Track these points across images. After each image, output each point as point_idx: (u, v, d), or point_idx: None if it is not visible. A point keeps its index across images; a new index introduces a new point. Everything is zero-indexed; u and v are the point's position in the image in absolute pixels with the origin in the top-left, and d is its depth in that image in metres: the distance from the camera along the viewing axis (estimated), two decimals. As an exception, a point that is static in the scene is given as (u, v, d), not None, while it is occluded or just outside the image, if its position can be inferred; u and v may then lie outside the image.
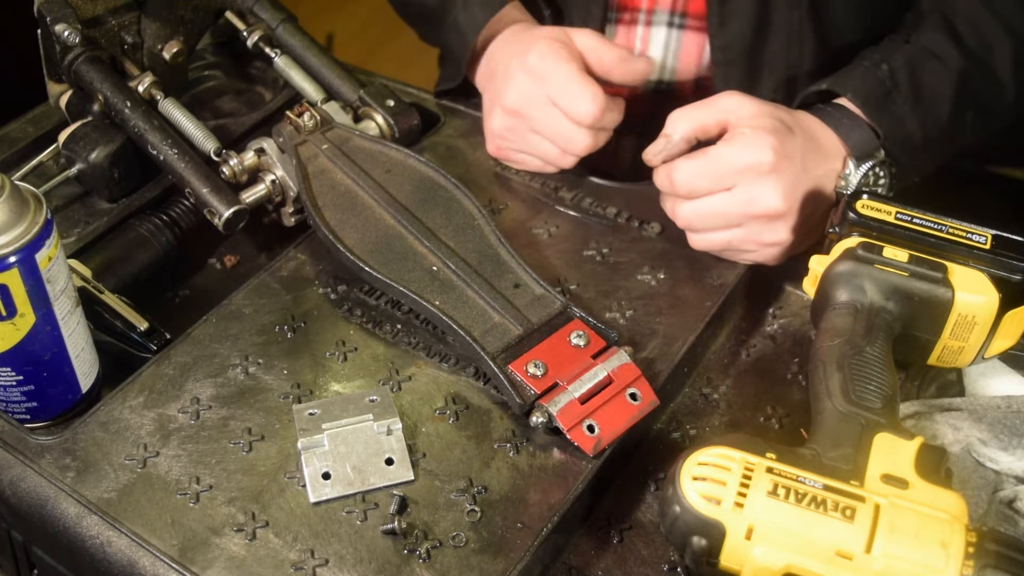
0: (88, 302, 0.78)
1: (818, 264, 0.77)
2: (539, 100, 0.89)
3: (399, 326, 0.80)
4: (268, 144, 0.87)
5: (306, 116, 0.88)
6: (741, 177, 0.80)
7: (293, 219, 0.88)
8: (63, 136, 0.90)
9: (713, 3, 0.96)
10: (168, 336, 0.80)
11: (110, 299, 0.80)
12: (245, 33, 0.98)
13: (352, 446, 0.70)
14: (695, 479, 0.62)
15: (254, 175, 0.88)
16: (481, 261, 0.80)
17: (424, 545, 0.66)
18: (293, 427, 0.71)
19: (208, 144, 0.89)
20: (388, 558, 0.65)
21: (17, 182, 0.68)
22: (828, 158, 0.84)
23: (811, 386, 0.70)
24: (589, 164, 0.93)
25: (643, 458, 0.74)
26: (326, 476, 0.69)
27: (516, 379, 0.73)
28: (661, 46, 1.02)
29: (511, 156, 0.94)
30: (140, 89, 0.91)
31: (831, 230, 0.78)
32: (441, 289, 0.78)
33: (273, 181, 0.86)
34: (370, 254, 0.80)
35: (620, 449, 0.72)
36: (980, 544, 0.58)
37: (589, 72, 0.90)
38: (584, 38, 0.92)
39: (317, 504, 0.68)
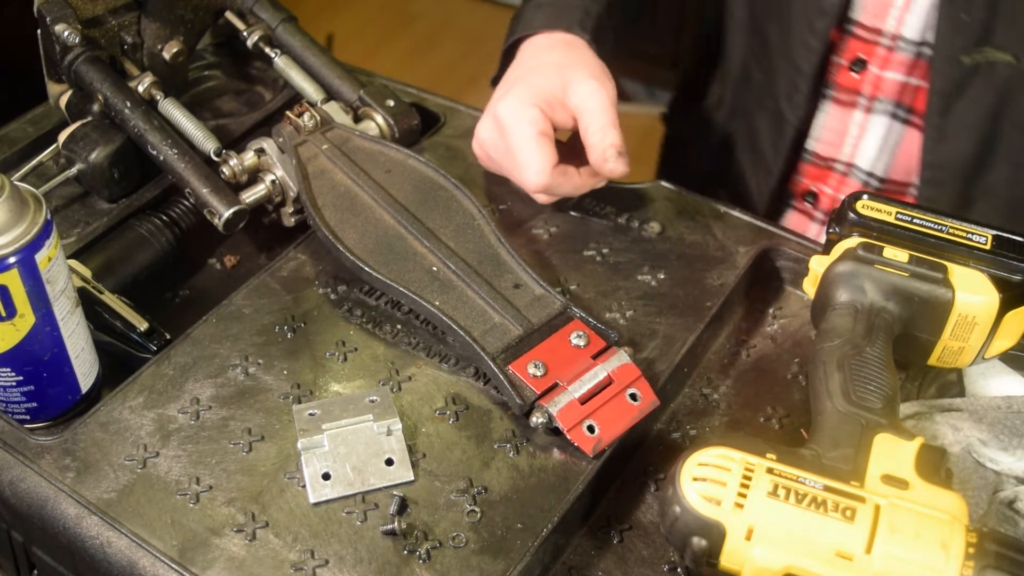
0: (88, 302, 0.78)
1: (818, 264, 0.77)
2: (501, 147, 0.88)
3: (399, 326, 0.80)
4: (268, 144, 0.87)
5: (306, 116, 0.88)
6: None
7: (293, 219, 0.88)
8: (63, 136, 0.90)
9: (933, 111, 0.89)
10: (168, 336, 0.80)
11: (110, 299, 0.80)
12: (245, 33, 0.98)
13: (352, 446, 0.70)
14: (695, 479, 0.62)
15: (254, 175, 0.88)
16: (481, 261, 0.80)
17: (424, 545, 0.66)
18: (293, 427, 0.71)
19: (208, 144, 0.89)
20: (388, 558, 0.65)
21: (17, 182, 0.68)
22: None
23: (811, 386, 0.70)
24: None
25: (643, 458, 0.74)
26: (326, 476, 0.69)
27: (516, 379, 0.73)
28: (879, 137, 0.96)
29: (487, 164, 0.93)
30: (140, 89, 0.91)
31: (831, 230, 0.78)
32: (441, 289, 0.78)
33: (273, 181, 0.86)
34: (370, 254, 0.80)
35: (620, 449, 0.72)
36: (980, 545, 0.58)
37: (565, 128, 0.88)
38: (588, 96, 0.86)
39: (317, 504, 0.68)
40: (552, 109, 0.87)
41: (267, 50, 0.98)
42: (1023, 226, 0.77)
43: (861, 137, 0.98)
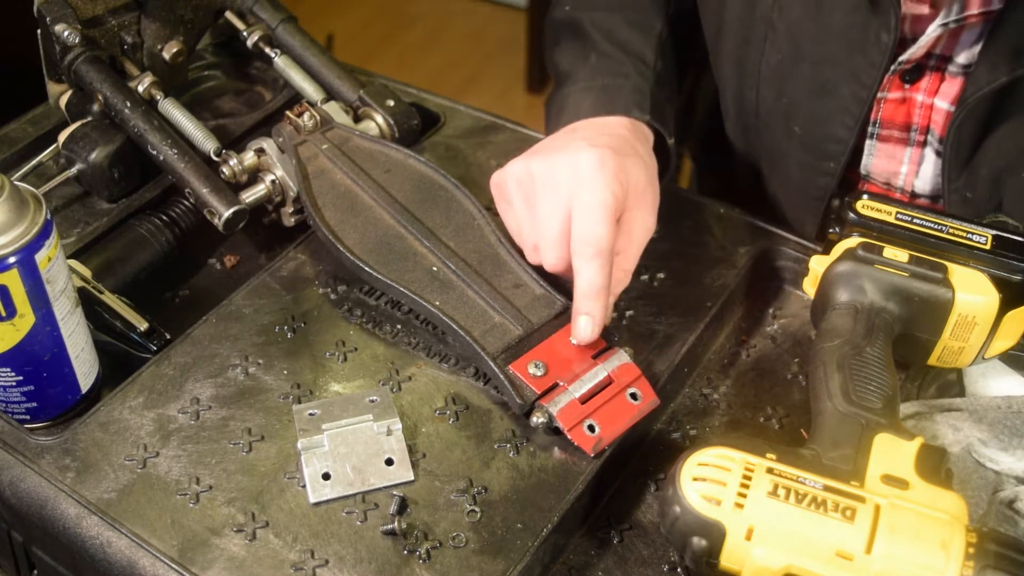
0: (88, 302, 0.78)
1: (818, 264, 0.77)
2: (559, 193, 0.76)
3: (399, 326, 0.80)
4: (268, 144, 0.87)
5: (306, 116, 0.88)
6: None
7: (293, 219, 0.88)
8: (63, 136, 0.90)
9: None
10: (168, 336, 0.80)
11: (110, 299, 0.80)
12: (245, 33, 0.98)
13: (352, 446, 0.70)
14: (695, 479, 0.62)
15: (254, 175, 0.88)
16: (481, 261, 0.80)
17: (424, 545, 0.66)
18: (293, 427, 0.71)
19: (208, 144, 0.89)
20: (388, 558, 0.65)
21: (17, 182, 0.68)
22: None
23: (811, 386, 0.70)
24: None
25: (643, 458, 0.74)
26: (326, 476, 0.69)
27: (516, 379, 0.73)
28: None
29: (503, 205, 0.82)
30: (140, 89, 0.91)
31: (831, 230, 0.78)
32: (441, 289, 0.78)
33: (273, 181, 0.86)
34: (370, 254, 0.80)
35: (620, 449, 0.72)
36: (980, 545, 0.58)
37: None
38: (641, 228, 0.79)
39: (317, 504, 0.68)
40: (620, 203, 0.76)
41: (267, 50, 0.98)
42: None
43: None
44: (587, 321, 0.74)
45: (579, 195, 0.75)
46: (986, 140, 0.84)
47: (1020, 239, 0.74)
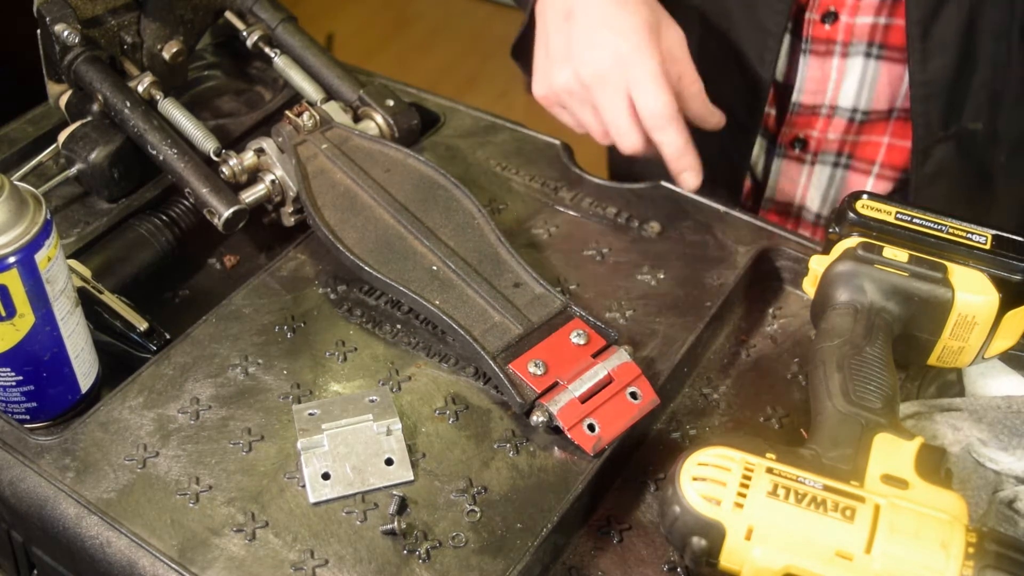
0: (88, 302, 0.78)
1: (818, 264, 0.77)
2: (615, 87, 0.87)
3: (399, 326, 0.80)
4: (268, 144, 0.87)
5: (305, 116, 0.88)
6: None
7: (293, 219, 0.88)
8: (63, 136, 0.90)
9: (914, 38, 0.93)
10: (168, 336, 0.80)
11: (110, 299, 0.80)
12: (245, 33, 0.98)
13: (352, 446, 0.70)
14: (695, 479, 0.62)
15: (254, 175, 0.88)
16: (481, 260, 0.80)
17: (424, 545, 0.66)
18: (293, 427, 0.71)
19: (208, 144, 0.89)
20: (388, 558, 0.65)
21: (17, 182, 0.68)
22: None
23: (811, 386, 0.70)
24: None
25: (643, 458, 0.74)
26: (326, 476, 0.69)
27: (516, 378, 0.73)
28: (857, 77, 1.00)
29: (556, 110, 0.93)
30: (140, 89, 0.91)
31: (831, 230, 0.78)
32: (441, 288, 0.78)
33: (273, 181, 0.86)
34: (370, 254, 0.80)
35: (620, 449, 0.72)
36: (980, 544, 0.58)
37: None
38: (679, 43, 0.89)
39: (317, 504, 0.68)
40: (665, 64, 0.87)
41: (267, 50, 0.98)
42: (1009, 115, 0.95)
43: (841, 81, 1.01)
44: (688, 174, 0.88)
45: (632, 77, 0.85)
46: None
47: (1020, 239, 0.74)
